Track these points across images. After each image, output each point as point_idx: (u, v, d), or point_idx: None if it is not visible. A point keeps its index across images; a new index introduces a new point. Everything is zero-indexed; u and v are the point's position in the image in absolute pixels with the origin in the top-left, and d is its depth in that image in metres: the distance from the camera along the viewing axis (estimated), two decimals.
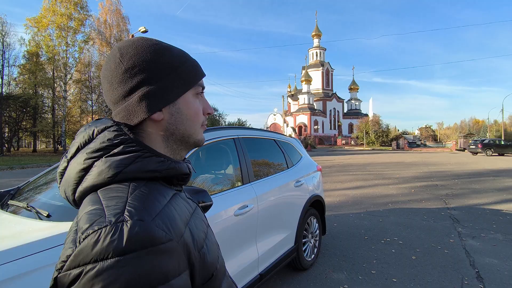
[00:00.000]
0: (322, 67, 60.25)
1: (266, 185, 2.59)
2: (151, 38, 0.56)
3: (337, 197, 7.06)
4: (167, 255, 0.42)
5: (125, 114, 0.53)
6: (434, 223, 4.91)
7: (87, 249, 0.39)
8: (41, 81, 25.21)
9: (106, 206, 0.44)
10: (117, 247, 0.39)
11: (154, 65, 0.53)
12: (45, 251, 1.14)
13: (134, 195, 0.46)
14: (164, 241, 0.42)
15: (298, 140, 3.85)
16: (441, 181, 9.57)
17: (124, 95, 0.53)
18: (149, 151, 0.51)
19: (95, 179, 0.48)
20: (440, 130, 63.68)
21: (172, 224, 0.45)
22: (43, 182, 2.19)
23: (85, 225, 0.41)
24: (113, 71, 0.52)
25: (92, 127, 0.53)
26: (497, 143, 26.32)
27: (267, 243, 2.47)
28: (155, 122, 0.54)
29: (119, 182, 0.48)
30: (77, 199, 0.50)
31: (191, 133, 0.58)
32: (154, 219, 0.43)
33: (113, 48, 0.55)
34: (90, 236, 0.39)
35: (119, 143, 0.50)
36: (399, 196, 7.15)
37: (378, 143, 46.93)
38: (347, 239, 4.14)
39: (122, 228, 0.40)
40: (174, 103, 0.55)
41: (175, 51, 0.57)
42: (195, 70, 0.59)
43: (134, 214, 0.42)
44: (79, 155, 0.51)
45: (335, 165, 15.39)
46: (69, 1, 25.06)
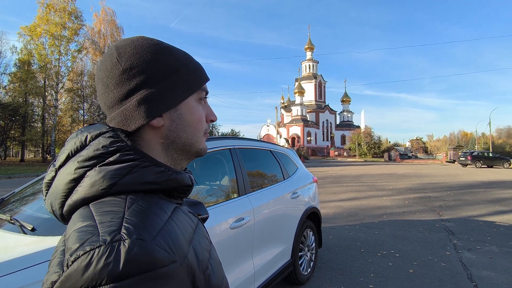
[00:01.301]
0: (314, 79, 61.14)
1: (263, 197, 2.52)
2: (151, 37, 0.51)
3: (331, 208, 7.00)
4: (169, 279, 0.36)
5: (121, 119, 0.47)
6: (429, 235, 4.88)
7: (76, 274, 0.33)
8: (31, 89, 24.83)
9: (100, 222, 0.38)
10: (113, 272, 0.33)
11: (154, 66, 0.48)
12: (28, 269, 1.05)
13: (132, 210, 0.40)
14: (167, 263, 0.36)
15: (294, 151, 3.81)
16: (434, 193, 9.62)
17: (121, 99, 0.47)
18: (148, 160, 0.46)
19: (87, 191, 0.43)
20: (430, 142, 64.69)
21: (174, 243, 0.40)
22: (29, 193, 2.09)
23: (74, 245, 0.35)
24: (109, 72, 0.47)
25: (85, 132, 0.47)
26: (486, 155, 26.85)
27: (263, 257, 2.39)
28: (155, 128, 0.48)
29: (114, 194, 0.43)
30: (66, 213, 0.44)
31: (193, 141, 0.52)
32: (155, 237, 0.37)
33: (110, 47, 0.49)
34: (80, 259, 0.34)
35: (115, 150, 0.44)
36: (394, 208, 7.14)
37: (370, 154, 47.35)
38: (343, 252, 4.06)
39: (119, 249, 0.34)
40: (175, 108, 0.50)
41: (177, 52, 0.52)
42: (199, 73, 0.53)
43: (132, 232, 0.36)
44: (69, 163, 0.45)
45: (328, 177, 15.38)
46: (64, 10, 25.04)
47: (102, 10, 30.15)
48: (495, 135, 66.35)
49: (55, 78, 25.91)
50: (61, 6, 25.04)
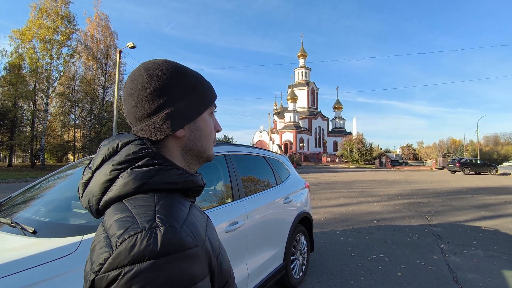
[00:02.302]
0: (307, 86, 61.82)
1: (256, 202, 2.60)
2: (172, 61, 0.60)
3: (323, 214, 7.09)
4: (194, 259, 0.45)
5: (149, 130, 0.56)
6: (418, 239, 5.01)
7: (125, 252, 0.41)
8: (21, 93, 24.44)
9: (136, 213, 0.46)
10: (153, 251, 0.41)
11: (178, 86, 0.57)
12: (36, 268, 1.10)
13: (161, 204, 0.48)
14: (192, 246, 0.45)
15: (287, 157, 3.91)
16: (423, 199, 9.83)
17: (150, 113, 0.55)
18: (170, 164, 0.54)
19: (121, 190, 0.51)
20: (420, 149, 65.88)
21: (195, 231, 0.48)
22: (27, 198, 2.12)
23: (119, 231, 0.44)
24: (140, 90, 0.55)
25: (117, 140, 0.56)
26: (474, 162, 27.47)
27: (256, 260, 2.45)
28: (177, 138, 0.58)
29: (144, 192, 0.51)
30: (101, 208, 0.53)
31: (206, 148, 0.62)
32: (182, 226, 0.46)
33: (138, 69, 0.57)
34: (127, 241, 0.42)
35: (143, 156, 0.53)
36: (384, 213, 7.27)
37: (362, 161, 47.88)
38: (335, 256, 4.14)
39: (156, 234, 0.43)
40: (194, 121, 0.59)
41: (194, 74, 0.62)
42: (211, 91, 0.64)
43: (165, 221, 0.45)
44: (104, 166, 0.54)
45: (320, 183, 15.53)
46: (56, 14, 24.90)
47: (96, 15, 30.12)
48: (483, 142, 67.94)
49: (46, 82, 25.58)
50: (54, 10, 24.90)
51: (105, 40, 30.06)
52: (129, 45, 18.03)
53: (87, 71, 29.70)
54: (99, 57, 29.77)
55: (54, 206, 1.99)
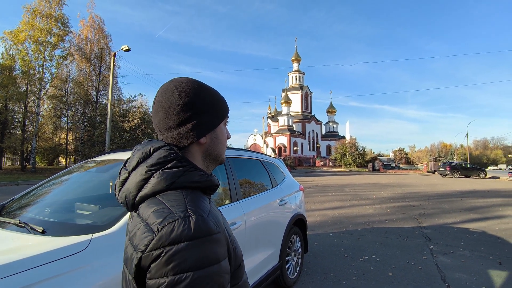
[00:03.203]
0: (301, 90, 62.33)
1: (253, 203, 2.70)
2: (196, 79, 0.72)
3: (317, 217, 7.21)
4: (218, 242, 0.56)
5: (177, 137, 0.67)
6: (408, 241, 5.15)
7: (166, 235, 0.52)
8: (12, 95, 24.16)
9: (171, 206, 0.57)
10: (188, 234, 0.52)
11: (202, 101, 0.68)
12: (50, 263, 1.18)
13: (189, 199, 0.59)
14: (216, 232, 0.56)
15: (282, 161, 4.02)
16: (415, 202, 10.04)
17: (179, 124, 0.66)
18: (193, 166, 0.65)
19: (155, 187, 0.61)
20: (412, 153, 66.76)
21: (217, 221, 0.59)
22: (30, 200, 2.18)
23: (158, 219, 0.54)
24: (171, 104, 0.66)
25: (149, 146, 0.67)
26: (464, 166, 28.03)
27: (253, 260, 2.54)
28: (200, 144, 0.69)
29: (173, 189, 0.62)
30: (137, 202, 0.63)
31: (221, 153, 0.74)
32: (208, 215, 0.57)
33: (169, 85, 0.69)
34: (166, 226, 0.52)
35: (172, 159, 0.64)
36: (376, 216, 7.43)
37: (355, 164, 48.37)
38: (328, 257, 4.25)
39: (189, 221, 0.53)
40: (214, 130, 0.71)
41: (214, 91, 0.74)
42: (225, 105, 0.76)
43: (195, 211, 0.56)
44: (139, 168, 0.64)
45: (314, 186, 15.69)
46: (50, 16, 24.74)
47: (90, 17, 29.96)
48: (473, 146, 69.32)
49: (38, 84, 25.31)
50: (48, 12, 24.74)
51: (99, 42, 29.90)
52: (123, 48, 18.01)
53: (80, 74, 29.44)
54: (93, 59, 29.58)
55: (58, 207, 2.06)
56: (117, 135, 22.40)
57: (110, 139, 18.60)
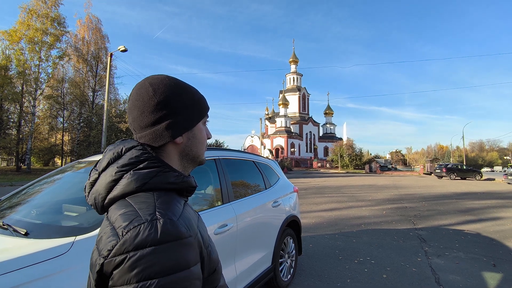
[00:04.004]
0: (298, 91, 62.45)
1: (245, 205, 2.67)
2: (173, 77, 0.70)
3: (313, 218, 7.19)
4: (189, 247, 0.53)
5: (152, 137, 0.64)
6: (403, 243, 5.14)
7: (130, 240, 0.49)
8: (8, 95, 23.93)
9: (139, 208, 0.54)
10: (154, 239, 0.49)
11: (178, 100, 0.66)
12: (30, 267, 1.15)
13: (160, 201, 0.57)
14: (186, 236, 0.53)
15: (276, 162, 3.99)
16: (410, 203, 10.05)
17: (153, 122, 0.64)
18: (167, 167, 0.63)
19: (125, 188, 0.59)
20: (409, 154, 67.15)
21: (189, 224, 0.56)
22: (17, 201, 2.13)
23: (124, 222, 0.52)
24: (146, 102, 0.63)
25: (121, 146, 0.64)
26: (459, 167, 28.18)
27: (245, 263, 2.51)
28: (175, 144, 0.67)
29: (145, 191, 0.59)
30: (106, 205, 0.61)
31: (200, 153, 0.71)
32: (178, 219, 0.54)
33: (144, 83, 0.66)
34: (131, 230, 0.50)
35: (144, 159, 0.61)
36: (372, 218, 7.42)
37: (352, 166, 48.50)
38: (323, 259, 4.23)
39: (157, 224, 0.50)
40: (191, 130, 0.68)
41: (192, 88, 0.71)
42: (205, 104, 0.73)
43: (164, 214, 0.53)
44: (109, 168, 0.61)
45: (311, 187, 15.68)
46: (46, 16, 24.59)
47: (87, 17, 29.85)
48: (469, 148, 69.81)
49: (34, 84, 25.13)
50: (44, 12, 24.59)
51: (96, 42, 29.78)
52: (120, 48, 17.94)
53: (76, 74, 29.28)
54: (90, 59, 29.44)
55: (45, 209, 2.02)
56: (114, 135, 22.32)
57: (106, 140, 18.50)
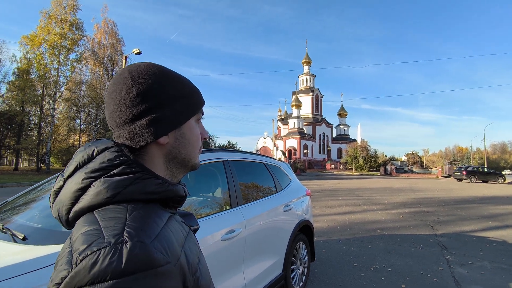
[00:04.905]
0: (311, 92, 61.90)
1: (255, 209, 2.55)
2: (159, 64, 0.57)
3: (326, 222, 6.99)
4: (164, 278, 0.41)
5: (130, 136, 0.52)
6: (422, 250, 4.88)
7: (84, 271, 0.37)
8: (29, 98, 24.84)
9: (104, 227, 0.42)
10: (116, 269, 0.37)
11: (163, 91, 0.54)
12: (18, 277, 1.07)
13: (133, 216, 0.45)
14: (163, 263, 0.41)
15: (288, 164, 3.86)
16: (429, 207, 9.65)
17: (132, 118, 0.52)
18: (148, 173, 0.51)
19: (92, 199, 0.47)
20: (426, 156, 65.06)
21: (169, 246, 0.45)
22: (22, 203, 2.10)
23: (82, 246, 0.40)
24: (123, 94, 0.52)
25: (92, 147, 0.52)
26: (481, 170, 27.03)
27: (254, 270, 2.39)
28: (160, 145, 0.54)
29: (117, 203, 0.47)
30: (71, 219, 0.49)
31: (191, 156, 0.59)
32: (153, 241, 0.42)
33: (123, 71, 0.54)
34: (88, 257, 0.38)
35: (119, 164, 0.50)
36: (388, 222, 7.14)
37: (367, 168, 47.51)
38: (336, 266, 4.05)
39: (122, 250, 0.39)
40: (179, 128, 0.56)
41: (182, 78, 0.58)
42: (198, 97, 0.61)
43: (133, 235, 0.41)
44: (77, 174, 0.50)
45: (324, 190, 15.38)
46: (65, 21, 25.40)
47: (103, 21, 30.62)
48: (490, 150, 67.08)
49: (53, 87, 26.01)
50: (63, 17, 25.42)
51: (112, 46, 30.51)
52: (134, 51, 18.26)
53: (93, 77, 30.08)
54: (106, 63, 30.18)
55: (48, 212, 1.97)
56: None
57: None
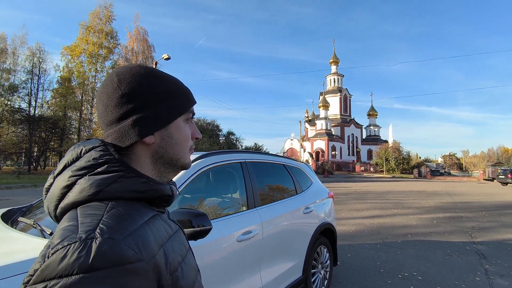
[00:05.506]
0: (339, 93, 60.42)
1: (273, 211, 2.53)
2: (147, 65, 0.60)
3: (352, 226, 6.77)
4: (134, 275, 0.41)
5: (117, 136, 0.55)
6: (457, 258, 4.56)
7: (53, 264, 0.39)
8: (70, 104, 26.86)
9: (81, 223, 0.44)
10: (83, 264, 0.38)
11: (149, 91, 0.55)
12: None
13: (110, 214, 0.46)
14: (133, 260, 0.42)
15: (309, 165, 3.79)
16: (467, 213, 8.99)
17: (118, 118, 0.54)
18: (132, 171, 0.52)
19: (76, 196, 0.49)
20: (465, 158, 60.63)
21: (144, 244, 0.45)
22: None
23: (56, 240, 0.42)
24: (109, 95, 0.54)
25: (81, 146, 0.55)
26: None
27: (272, 272, 2.38)
28: (146, 145, 0.56)
29: (100, 200, 0.49)
30: (58, 215, 0.51)
31: (179, 156, 0.60)
32: (125, 238, 0.43)
33: (111, 73, 0.57)
34: (58, 252, 0.39)
35: (103, 162, 0.51)
36: (420, 228, 6.76)
37: (399, 170, 45.35)
38: (361, 271, 3.90)
39: (91, 245, 0.40)
40: (165, 128, 0.57)
41: (169, 78, 0.60)
42: (187, 97, 0.61)
43: (105, 232, 0.42)
44: (64, 172, 0.52)
45: (352, 192, 14.91)
46: (101, 31, 27.13)
47: (136, 29, 32.21)
48: None
49: (91, 93, 27.84)
50: (100, 27, 27.18)
51: (143, 52, 31.98)
52: (164, 56, 19.01)
53: None
54: None
55: None
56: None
57: None
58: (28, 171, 24.25)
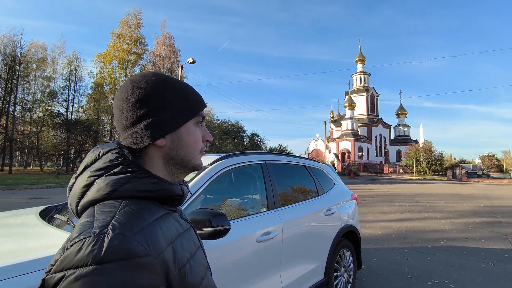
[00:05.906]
0: (366, 92, 58.64)
1: (293, 212, 2.53)
2: (160, 72, 0.64)
3: (379, 229, 6.55)
4: (142, 268, 0.45)
5: (131, 139, 0.59)
6: (495, 266, 4.26)
7: (71, 255, 0.43)
8: (103, 108, 28.42)
9: (96, 219, 0.49)
10: (96, 257, 0.43)
11: (161, 97, 0.60)
12: None
13: (123, 211, 0.50)
14: (141, 255, 0.45)
15: (331, 167, 3.73)
16: (506, 218, 8.36)
17: (132, 123, 0.59)
18: (144, 172, 0.57)
19: (94, 195, 0.54)
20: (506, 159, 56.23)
21: (153, 240, 0.49)
22: None
23: (74, 234, 0.46)
24: (124, 101, 0.59)
25: (99, 149, 0.60)
26: None
27: (292, 274, 2.37)
28: (158, 147, 0.60)
29: (115, 198, 0.54)
30: (79, 211, 0.57)
31: (190, 158, 0.63)
32: (134, 234, 0.47)
33: (126, 81, 0.62)
34: (75, 244, 0.44)
35: (118, 164, 0.56)
36: (453, 232, 6.39)
37: (431, 172, 43.12)
38: (387, 276, 3.77)
39: (103, 240, 0.44)
40: (176, 131, 0.61)
41: (179, 85, 0.64)
42: (197, 102, 0.65)
43: (116, 227, 0.46)
44: (84, 173, 0.58)
45: (379, 195, 14.41)
46: (131, 38, 28.48)
47: (162, 35, 33.49)
48: None
49: None
50: (129, 34, 28.56)
51: (170, 57, 33.14)
52: (189, 60, 19.54)
53: None
54: (165, 73, 32.92)
55: None
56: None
57: None
58: (66, 172, 25.93)
